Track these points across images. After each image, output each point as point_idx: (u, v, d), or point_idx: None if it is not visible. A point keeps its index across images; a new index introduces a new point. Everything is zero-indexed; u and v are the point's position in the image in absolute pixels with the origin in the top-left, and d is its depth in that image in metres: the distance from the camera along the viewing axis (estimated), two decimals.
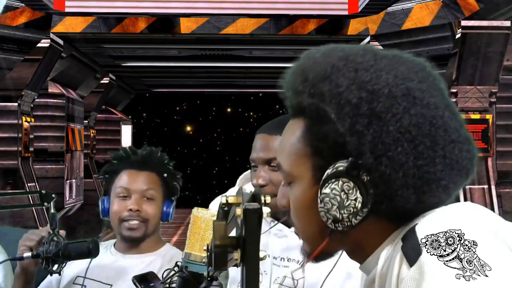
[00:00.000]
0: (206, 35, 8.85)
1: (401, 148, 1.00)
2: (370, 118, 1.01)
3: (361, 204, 1.01)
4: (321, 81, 1.05)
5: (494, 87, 8.07)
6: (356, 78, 1.03)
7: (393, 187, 1.01)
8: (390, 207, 1.03)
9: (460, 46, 7.86)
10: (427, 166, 1.01)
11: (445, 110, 1.04)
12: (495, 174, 8.22)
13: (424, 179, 1.01)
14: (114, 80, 13.26)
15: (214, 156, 17.90)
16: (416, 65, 1.08)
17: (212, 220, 1.49)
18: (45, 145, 10.21)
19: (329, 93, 1.03)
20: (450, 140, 1.03)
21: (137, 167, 2.32)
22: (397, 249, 1.01)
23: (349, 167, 1.01)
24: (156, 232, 2.34)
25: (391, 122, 1.01)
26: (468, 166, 1.06)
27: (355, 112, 1.02)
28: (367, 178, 1.01)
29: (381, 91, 1.02)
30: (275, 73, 13.82)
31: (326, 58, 1.07)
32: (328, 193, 1.02)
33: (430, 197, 1.03)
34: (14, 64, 8.48)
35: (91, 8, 8.56)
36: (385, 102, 1.02)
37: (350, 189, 1.01)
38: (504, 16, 7.82)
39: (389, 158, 1.00)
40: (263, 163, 1.88)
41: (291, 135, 1.10)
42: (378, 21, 8.47)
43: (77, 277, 2.27)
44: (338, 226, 1.03)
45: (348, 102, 1.02)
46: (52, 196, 2.18)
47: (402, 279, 0.97)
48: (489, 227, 1.00)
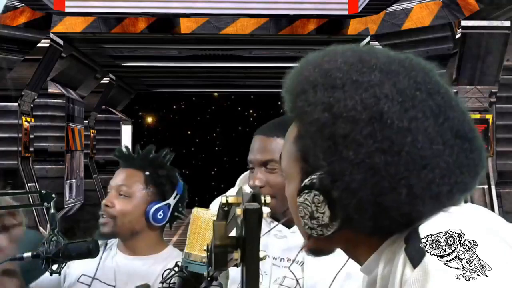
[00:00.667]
0: (206, 35, 8.85)
1: (358, 175, 0.99)
2: (329, 141, 1.01)
3: (328, 218, 1.02)
4: (299, 94, 1.06)
5: (494, 87, 8.08)
6: (324, 98, 1.03)
7: (348, 211, 1.01)
8: (364, 221, 1.01)
9: (460, 46, 7.86)
10: (384, 195, 0.99)
11: (439, 121, 1.01)
12: (495, 174, 8.22)
13: (382, 207, 1.00)
14: (114, 80, 13.26)
15: (214, 156, 17.90)
16: (424, 74, 1.05)
17: (212, 220, 1.49)
18: (45, 145, 10.21)
19: (300, 110, 1.05)
20: (422, 158, 0.99)
21: (124, 165, 2.32)
22: (400, 250, 1.00)
23: (322, 179, 1.02)
24: (147, 232, 2.28)
25: (351, 148, 0.99)
26: (466, 168, 1.03)
27: (317, 133, 1.02)
28: (337, 195, 1.01)
29: (345, 115, 1.01)
30: (275, 73, 13.86)
31: (313, 69, 1.07)
32: (302, 202, 1.05)
33: (390, 224, 1.01)
34: (14, 64, 8.48)
35: (91, 8, 8.56)
36: (346, 127, 1.00)
37: (319, 202, 1.03)
38: (504, 16, 7.82)
39: (344, 183, 1.00)
40: (259, 164, 1.87)
41: (289, 136, 1.13)
42: (378, 21, 8.47)
43: (82, 275, 2.27)
44: (312, 232, 1.05)
45: (312, 122, 1.03)
46: (52, 196, 2.18)
47: (405, 280, 0.97)
48: (489, 227, 1.00)
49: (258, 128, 1.95)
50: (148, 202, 2.26)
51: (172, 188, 2.30)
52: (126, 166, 2.31)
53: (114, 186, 2.28)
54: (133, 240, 2.28)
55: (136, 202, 2.25)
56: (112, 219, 2.24)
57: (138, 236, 2.28)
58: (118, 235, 2.27)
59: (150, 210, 2.25)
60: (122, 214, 2.24)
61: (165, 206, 2.27)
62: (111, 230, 2.24)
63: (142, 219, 2.26)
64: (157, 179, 2.28)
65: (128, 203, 2.25)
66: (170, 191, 2.29)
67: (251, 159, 1.89)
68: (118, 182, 2.27)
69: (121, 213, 2.24)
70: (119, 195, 2.26)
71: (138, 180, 2.27)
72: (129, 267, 2.27)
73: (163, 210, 2.26)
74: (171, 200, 2.28)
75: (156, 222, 2.26)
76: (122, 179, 2.28)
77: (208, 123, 17.98)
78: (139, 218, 2.25)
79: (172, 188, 2.30)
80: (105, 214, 2.25)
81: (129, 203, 2.25)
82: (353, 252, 1.10)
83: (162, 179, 2.29)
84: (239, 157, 15.71)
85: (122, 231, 2.25)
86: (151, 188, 2.27)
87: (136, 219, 2.25)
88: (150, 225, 2.27)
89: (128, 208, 2.24)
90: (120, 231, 2.25)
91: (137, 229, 2.26)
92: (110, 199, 2.26)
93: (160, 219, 2.26)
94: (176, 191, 2.30)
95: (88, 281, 2.25)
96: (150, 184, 2.27)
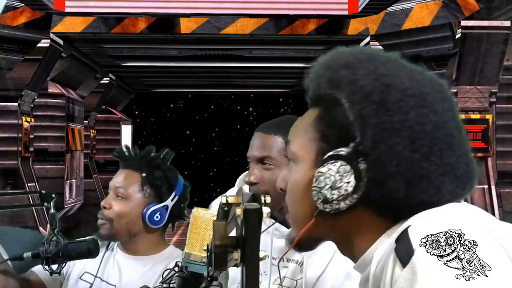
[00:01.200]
0: (206, 35, 8.85)
1: (400, 139, 1.04)
2: (379, 106, 1.06)
3: (352, 188, 1.05)
4: (341, 68, 1.10)
5: (494, 87, 8.08)
6: (375, 70, 1.09)
7: (385, 174, 1.04)
8: (380, 196, 1.05)
9: (460, 46, 7.86)
10: (420, 161, 1.04)
11: (453, 125, 1.08)
12: (495, 174, 8.22)
13: (416, 173, 1.04)
14: (114, 80, 13.26)
15: (214, 156, 17.90)
16: (435, 83, 1.12)
17: (212, 220, 1.49)
18: (45, 145, 10.21)
19: (346, 79, 1.09)
20: (449, 148, 1.06)
21: (123, 166, 2.31)
22: (391, 250, 1.01)
23: (350, 151, 1.05)
24: (145, 234, 2.26)
25: (397, 114, 1.05)
26: (465, 179, 1.08)
27: (366, 98, 1.07)
28: (363, 166, 1.05)
29: (395, 85, 1.07)
30: (275, 73, 13.83)
31: (351, 52, 1.14)
32: (324, 172, 1.06)
33: (419, 193, 1.05)
34: (14, 64, 8.48)
35: (91, 8, 8.56)
36: (396, 96, 1.06)
37: (345, 172, 1.05)
38: (504, 16, 7.82)
39: (387, 145, 1.04)
40: (256, 161, 1.90)
41: (305, 119, 1.15)
42: (378, 21, 8.47)
43: (85, 273, 2.27)
44: (326, 207, 1.07)
45: (361, 88, 1.07)
46: (52, 196, 2.18)
47: (395, 280, 0.98)
48: (486, 226, 1.00)
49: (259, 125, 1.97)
50: (145, 203, 2.24)
51: (169, 189, 2.26)
52: (125, 166, 2.30)
53: (112, 188, 2.27)
54: (131, 241, 2.27)
55: (133, 204, 2.23)
56: (109, 221, 2.22)
57: (136, 238, 2.26)
58: (116, 237, 2.25)
59: (146, 212, 2.22)
60: (119, 216, 2.22)
61: (162, 208, 2.24)
62: (108, 232, 2.23)
63: (140, 221, 2.24)
64: (153, 181, 2.25)
65: (125, 205, 2.23)
66: (168, 193, 2.26)
67: (249, 155, 1.92)
68: (116, 184, 2.26)
69: (118, 215, 2.22)
70: (116, 196, 2.25)
71: (135, 182, 2.25)
72: (130, 267, 2.27)
73: (160, 212, 2.24)
74: (168, 201, 2.25)
75: (153, 224, 2.24)
76: (120, 181, 2.26)
77: (208, 123, 17.97)
78: (136, 220, 2.23)
79: (170, 189, 2.26)
80: (101, 217, 2.24)
81: (126, 205, 2.23)
82: (350, 245, 1.11)
83: (159, 180, 2.26)
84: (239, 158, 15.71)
85: (120, 233, 2.24)
86: (148, 189, 2.25)
87: (133, 221, 2.23)
88: (148, 227, 2.25)
89: (125, 210, 2.22)
90: (118, 233, 2.23)
91: (134, 231, 2.25)
92: (108, 201, 2.25)
93: (157, 221, 2.24)
94: (175, 192, 2.27)
95: (91, 280, 2.25)
96: (147, 185, 2.25)
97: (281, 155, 1.86)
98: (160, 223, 2.25)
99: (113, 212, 2.22)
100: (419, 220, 1.02)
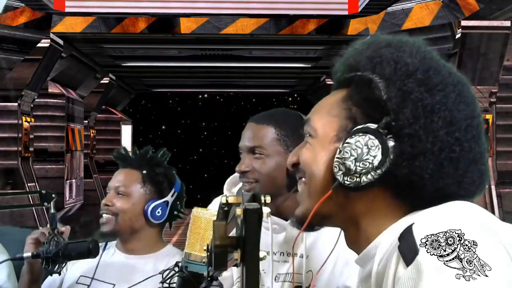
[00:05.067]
0: (206, 35, 8.84)
1: (438, 118, 1.05)
2: (422, 84, 1.07)
3: (378, 162, 1.05)
4: (384, 47, 1.12)
5: (494, 87, 8.07)
6: (419, 51, 1.11)
7: (418, 150, 1.05)
8: (405, 173, 1.05)
9: (460, 46, 7.86)
10: (453, 145, 1.06)
11: (480, 120, 1.10)
12: (495, 174, 8.22)
13: (447, 156, 1.05)
14: (114, 80, 13.25)
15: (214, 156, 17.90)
16: (464, 81, 1.14)
17: (212, 220, 1.49)
18: (45, 145, 10.20)
19: (389, 56, 1.10)
20: (479, 139, 1.09)
21: (122, 166, 2.36)
22: (394, 248, 1.01)
23: (382, 126, 1.06)
24: (146, 230, 2.30)
25: (438, 95, 1.07)
26: (483, 176, 1.10)
27: (409, 75, 1.08)
28: (392, 144, 1.06)
29: (438, 69, 1.09)
30: (275, 73, 13.81)
31: (392, 36, 1.16)
32: (351, 143, 1.07)
33: (445, 177, 1.06)
34: (14, 64, 8.48)
35: (91, 8, 8.55)
36: (438, 78, 1.08)
37: (373, 146, 1.06)
38: (504, 16, 7.82)
39: (425, 122, 1.05)
40: (247, 151, 1.92)
41: (330, 98, 1.17)
42: (378, 21, 8.47)
43: (80, 277, 2.28)
44: (346, 179, 1.07)
45: (406, 65, 1.08)
46: (52, 196, 2.19)
47: (398, 278, 0.97)
48: (487, 226, 1.00)
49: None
50: (146, 200, 2.29)
51: (169, 185, 2.33)
52: (125, 166, 2.35)
53: (113, 187, 2.31)
54: (133, 239, 2.30)
55: (135, 200, 2.28)
56: (114, 216, 2.27)
57: (137, 235, 2.30)
58: (119, 233, 2.29)
59: (148, 207, 2.28)
60: (123, 211, 2.27)
61: (163, 203, 2.30)
62: (112, 228, 2.27)
63: (141, 217, 2.29)
64: (154, 177, 2.31)
65: (127, 201, 2.28)
66: (168, 189, 2.32)
67: (240, 146, 1.95)
68: (116, 183, 2.30)
69: (122, 210, 2.27)
70: (117, 194, 2.29)
71: (135, 179, 2.30)
72: (129, 265, 2.28)
73: (161, 207, 2.29)
74: (168, 197, 2.32)
75: (155, 219, 2.29)
76: (120, 179, 2.31)
77: (208, 123, 17.97)
78: (138, 216, 2.28)
79: (170, 186, 2.33)
80: (106, 212, 2.27)
81: (128, 201, 2.28)
82: (357, 229, 1.11)
83: (159, 177, 2.32)
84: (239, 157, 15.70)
85: (123, 229, 2.28)
86: (149, 186, 2.30)
87: (135, 216, 2.28)
88: (149, 223, 2.30)
89: (127, 206, 2.27)
90: (121, 228, 2.28)
91: (136, 227, 2.29)
92: (110, 199, 2.29)
93: (158, 216, 2.29)
94: (174, 189, 2.33)
95: (87, 282, 2.26)
96: (148, 182, 2.31)
97: (272, 145, 1.87)
98: (161, 218, 2.30)
99: (116, 207, 2.27)
100: (423, 218, 1.02)
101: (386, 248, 1.04)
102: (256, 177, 1.88)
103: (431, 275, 0.93)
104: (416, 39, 1.15)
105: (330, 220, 1.14)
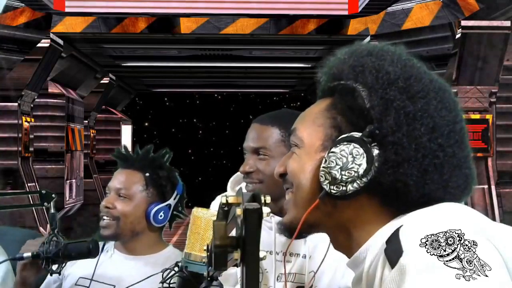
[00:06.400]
0: (206, 35, 8.84)
1: (420, 125, 1.07)
2: (403, 91, 1.08)
3: (363, 171, 1.06)
4: (366, 55, 1.13)
5: (494, 87, 8.07)
6: (399, 60, 1.12)
7: (402, 157, 1.06)
8: (390, 181, 1.06)
9: (460, 46, 7.86)
10: (437, 151, 1.06)
11: (463, 125, 1.11)
12: (495, 174, 8.22)
13: (431, 162, 1.06)
14: (114, 80, 13.25)
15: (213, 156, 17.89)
16: (445, 84, 1.15)
17: (212, 220, 1.49)
18: (45, 145, 10.20)
19: (371, 65, 1.11)
20: (462, 143, 1.09)
21: (123, 166, 2.31)
22: (381, 251, 1.02)
23: (366, 134, 1.07)
24: (147, 232, 2.28)
25: (420, 102, 1.08)
26: (468, 179, 1.10)
27: (391, 84, 1.09)
28: (376, 152, 1.06)
29: (419, 76, 1.10)
30: (275, 73, 13.80)
31: (373, 44, 1.17)
32: (337, 152, 1.07)
33: (429, 182, 1.06)
34: (14, 64, 8.48)
35: (91, 8, 8.55)
36: (419, 85, 1.09)
37: (358, 155, 1.06)
38: (504, 16, 7.82)
39: (408, 129, 1.06)
40: (252, 151, 1.93)
41: (314, 107, 1.17)
42: (378, 21, 8.47)
43: (79, 278, 2.26)
44: (333, 188, 1.07)
45: (387, 74, 1.10)
46: (52, 196, 2.18)
47: (384, 280, 0.98)
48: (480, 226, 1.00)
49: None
50: (148, 203, 2.26)
51: (172, 188, 2.29)
52: (125, 167, 2.30)
53: (113, 188, 2.27)
54: (133, 241, 2.27)
55: (136, 203, 2.25)
56: (116, 220, 2.23)
57: (138, 237, 2.27)
58: (119, 236, 2.26)
59: (151, 211, 2.24)
60: (124, 215, 2.23)
61: (165, 207, 2.27)
62: (113, 232, 2.23)
63: (143, 220, 2.26)
64: (157, 180, 2.28)
65: (128, 204, 2.24)
66: (171, 192, 2.29)
67: (245, 146, 1.96)
68: (117, 185, 2.26)
69: (123, 213, 2.23)
70: (118, 196, 2.25)
71: (137, 182, 2.27)
72: (131, 266, 2.26)
73: (164, 211, 2.26)
74: (171, 200, 2.28)
75: (157, 223, 2.26)
76: (121, 181, 2.27)
77: (208, 123, 17.97)
78: (140, 219, 2.25)
79: (172, 189, 2.29)
80: (107, 216, 2.24)
81: (129, 204, 2.24)
82: (345, 236, 1.12)
83: (162, 180, 2.28)
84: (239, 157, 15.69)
85: (124, 232, 2.25)
86: (151, 189, 2.27)
87: (137, 220, 2.25)
88: (151, 226, 2.27)
89: (128, 209, 2.24)
90: (122, 232, 2.24)
91: (138, 230, 2.26)
92: (111, 201, 2.25)
93: (161, 220, 2.26)
94: (176, 191, 2.30)
95: (86, 283, 2.24)
96: (150, 185, 2.27)
97: (276, 146, 1.88)
98: (164, 221, 2.27)
99: (118, 211, 2.23)
100: (410, 221, 1.02)
101: (376, 251, 1.04)
102: (260, 178, 1.88)
103: (412, 277, 0.94)
104: (397, 47, 1.16)
105: (318, 228, 1.15)
